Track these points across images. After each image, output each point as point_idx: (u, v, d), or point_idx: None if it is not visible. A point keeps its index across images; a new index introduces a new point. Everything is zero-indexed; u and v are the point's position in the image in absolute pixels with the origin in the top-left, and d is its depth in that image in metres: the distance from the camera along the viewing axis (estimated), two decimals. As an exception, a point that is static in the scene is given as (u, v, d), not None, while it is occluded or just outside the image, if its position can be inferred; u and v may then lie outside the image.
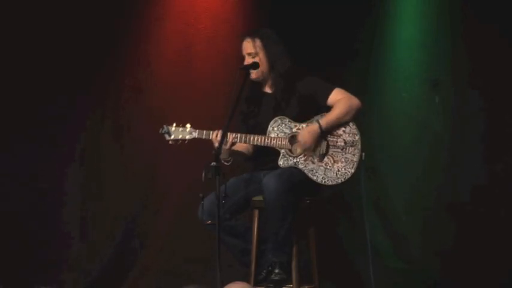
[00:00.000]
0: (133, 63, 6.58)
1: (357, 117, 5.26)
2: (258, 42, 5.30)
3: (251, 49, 5.30)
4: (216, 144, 5.10)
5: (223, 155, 5.17)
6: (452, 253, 6.28)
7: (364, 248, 5.43)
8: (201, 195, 4.99)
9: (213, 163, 4.77)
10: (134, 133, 6.55)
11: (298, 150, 5.24)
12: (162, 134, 5.27)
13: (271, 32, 5.37)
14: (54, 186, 6.43)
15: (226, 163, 5.21)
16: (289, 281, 5.19)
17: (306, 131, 5.21)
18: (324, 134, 5.23)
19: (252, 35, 5.32)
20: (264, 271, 5.18)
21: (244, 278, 5.17)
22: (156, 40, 6.59)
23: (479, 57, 6.33)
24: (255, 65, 5.26)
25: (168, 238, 6.52)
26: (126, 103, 6.58)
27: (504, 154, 6.32)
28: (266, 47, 5.30)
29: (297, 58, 5.41)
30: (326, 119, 5.22)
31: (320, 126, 5.20)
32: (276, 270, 5.14)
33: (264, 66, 5.31)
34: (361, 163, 5.21)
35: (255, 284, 5.21)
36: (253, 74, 5.30)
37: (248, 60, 5.29)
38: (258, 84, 5.40)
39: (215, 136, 5.17)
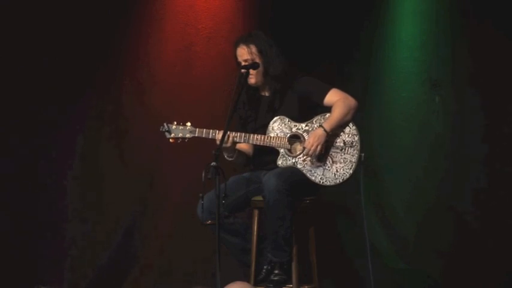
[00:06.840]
0: (133, 63, 6.57)
1: (356, 117, 5.26)
2: (253, 48, 5.28)
3: (247, 55, 5.27)
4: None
5: (227, 151, 5.19)
6: (452, 253, 6.29)
7: (364, 248, 5.42)
8: (200, 194, 4.99)
9: (213, 163, 4.77)
10: (134, 133, 6.55)
11: (303, 151, 5.22)
12: (163, 132, 5.28)
13: (264, 35, 5.35)
14: (54, 186, 6.42)
15: (230, 158, 5.24)
16: (289, 281, 5.19)
17: (312, 136, 5.19)
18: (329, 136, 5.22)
19: (246, 41, 5.30)
20: (264, 270, 5.18)
21: (244, 278, 5.17)
22: (156, 40, 6.58)
23: (479, 57, 6.34)
24: (255, 65, 5.26)
25: (168, 238, 6.52)
26: (126, 103, 6.58)
27: (504, 154, 6.32)
28: (262, 52, 5.28)
29: (296, 58, 5.39)
30: (329, 122, 5.20)
31: (325, 130, 5.18)
32: (276, 271, 5.15)
33: (260, 71, 5.30)
34: (360, 164, 5.21)
35: (255, 284, 5.21)
36: (252, 79, 5.29)
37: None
38: (255, 88, 5.39)
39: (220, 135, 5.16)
